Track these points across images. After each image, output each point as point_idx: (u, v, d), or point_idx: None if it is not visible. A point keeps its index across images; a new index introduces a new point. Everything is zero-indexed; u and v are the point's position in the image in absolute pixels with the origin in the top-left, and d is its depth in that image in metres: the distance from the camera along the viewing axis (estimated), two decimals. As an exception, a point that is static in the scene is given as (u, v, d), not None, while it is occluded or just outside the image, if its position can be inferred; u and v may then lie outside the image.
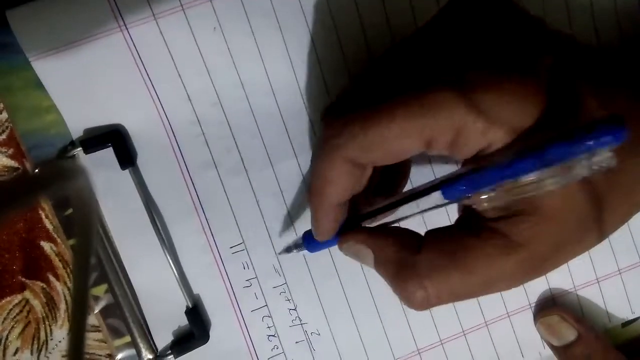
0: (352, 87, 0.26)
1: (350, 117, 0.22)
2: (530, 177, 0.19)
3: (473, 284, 0.22)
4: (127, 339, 0.31)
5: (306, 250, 0.30)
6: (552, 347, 0.33)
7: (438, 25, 0.24)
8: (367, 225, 0.26)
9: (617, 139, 0.17)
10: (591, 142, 0.17)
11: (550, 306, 0.34)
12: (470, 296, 0.22)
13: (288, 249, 0.31)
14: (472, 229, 0.22)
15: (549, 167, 0.18)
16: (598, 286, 0.34)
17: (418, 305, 0.23)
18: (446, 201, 0.22)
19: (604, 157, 0.17)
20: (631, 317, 0.35)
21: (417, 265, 0.22)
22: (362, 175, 0.24)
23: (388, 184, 0.29)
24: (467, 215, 0.23)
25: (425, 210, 0.23)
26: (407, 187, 0.31)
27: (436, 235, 0.23)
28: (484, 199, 0.21)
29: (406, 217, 0.24)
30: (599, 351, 0.32)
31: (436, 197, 0.22)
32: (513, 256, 0.21)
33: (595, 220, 0.21)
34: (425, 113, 0.20)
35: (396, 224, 0.26)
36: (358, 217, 0.26)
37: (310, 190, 0.25)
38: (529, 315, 0.34)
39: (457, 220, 0.24)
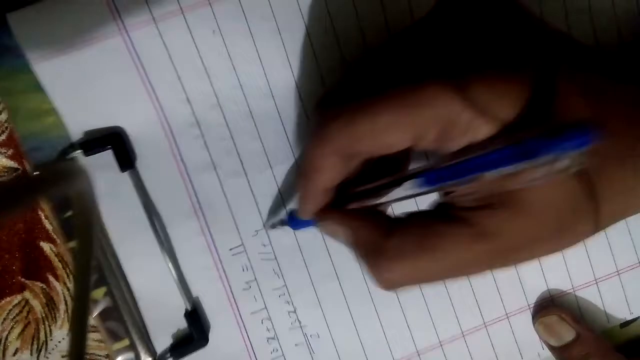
0: (345, 78, 0.26)
1: (340, 109, 0.23)
2: (509, 169, 0.19)
3: (440, 268, 0.22)
4: (126, 342, 0.31)
5: (290, 227, 0.31)
6: (551, 348, 0.33)
7: (432, 19, 0.24)
8: (349, 207, 0.26)
9: (584, 143, 0.17)
10: (561, 144, 0.17)
11: (548, 307, 0.34)
12: (436, 279, 0.23)
13: (273, 225, 0.31)
14: (444, 217, 0.22)
15: (526, 162, 0.18)
16: (597, 287, 0.34)
17: (385, 286, 0.23)
18: (427, 188, 0.22)
19: (574, 158, 0.17)
20: (630, 317, 0.35)
21: (387, 248, 0.23)
22: (350, 165, 0.24)
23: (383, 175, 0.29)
24: (442, 202, 0.24)
25: (405, 197, 0.23)
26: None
27: (408, 220, 0.24)
28: (464, 188, 0.21)
29: (388, 202, 0.24)
30: (597, 351, 0.32)
31: (417, 183, 0.22)
32: (482, 245, 0.21)
33: (587, 211, 0.21)
34: (412, 106, 0.21)
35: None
36: (345, 197, 0.27)
37: (299, 174, 0.26)
38: (528, 316, 0.34)
39: (430, 207, 0.24)
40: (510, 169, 0.18)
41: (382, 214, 0.25)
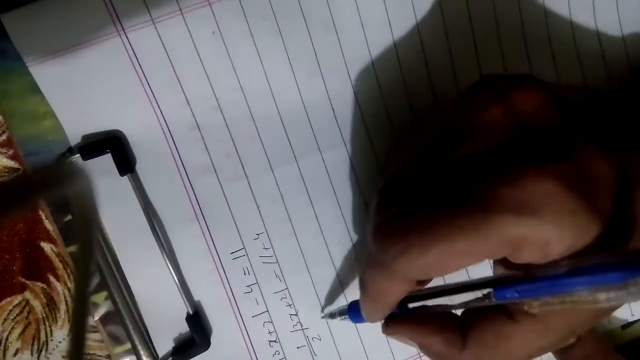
0: (397, 178, 0.25)
1: (406, 241, 0.21)
2: (583, 292, 0.19)
3: None
4: (128, 346, 0.31)
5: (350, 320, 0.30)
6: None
7: (468, 119, 0.23)
8: (410, 305, 0.26)
9: None
10: None
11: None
12: None
13: (332, 315, 0.31)
14: (508, 312, 0.23)
15: (601, 286, 0.18)
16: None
17: None
18: (505, 300, 0.22)
19: None
20: (631, 319, 0.35)
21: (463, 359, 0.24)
22: (416, 283, 0.24)
23: None
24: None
25: (470, 302, 0.24)
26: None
27: (476, 323, 0.24)
28: (535, 304, 0.21)
29: (450, 306, 0.25)
30: (598, 353, 0.32)
31: (483, 294, 0.23)
32: (549, 337, 0.22)
33: None
34: (484, 236, 0.20)
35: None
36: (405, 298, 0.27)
37: (365, 294, 0.26)
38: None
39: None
40: (585, 292, 0.19)
41: (449, 320, 0.25)
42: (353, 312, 0.29)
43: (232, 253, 0.31)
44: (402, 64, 0.31)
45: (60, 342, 0.32)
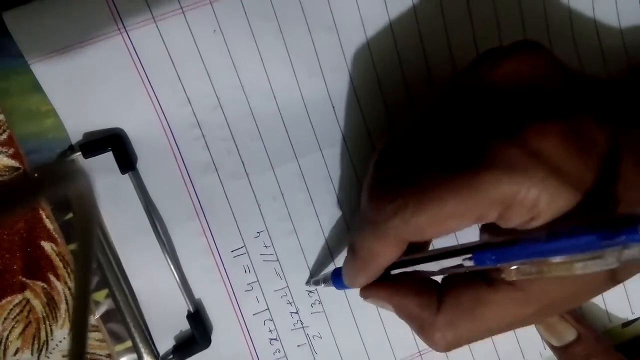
0: (398, 139, 0.25)
1: (401, 200, 0.22)
2: (560, 258, 0.19)
3: (488, 330, 0.24)
4: (129, 343, 0.31)
5: (333, 287, 0.30)
6: (552, 348, 0.33)
7: (481, 76, 0.23)
8: (392, 272, 0.26)
9: None
10: (623, 237, 0.17)
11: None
12: (484, 338, 0.25)
13: (316, 282, 0.31)
14: (489, 280, 0.23)
15: (580, 253, 0.18)
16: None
17: (439, 351, 0.25)
18: (484, 265, 0.22)
19: (636, 251, 0.17)
20: (631, 317, 0.35)
21: (438, 323, 0.24)
22: (405, 245, 0.24)
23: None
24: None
25: (449, 268, 0.24)
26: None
27: (454, 288, 0.24)
28: (512, 270, 0.21)
29: (434, 271, 0.25)
30: (598, 351, 0.32)
31: (463, 259, 0.23)
32: (529, 308, 0.22)
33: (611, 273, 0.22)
34: (477, 194, 0.20)
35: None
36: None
37: (355, 256, 0.25)
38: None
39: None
40: (562, 258, 0.19)
41: (426, 285, 0.25)
42: (338, 278, 0.29)
43: (232, 251, 0.31)
44: (403, 63, 0.31)
45: (60, 341, 0.32)
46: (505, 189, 0.20)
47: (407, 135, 0.25)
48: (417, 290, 0.25)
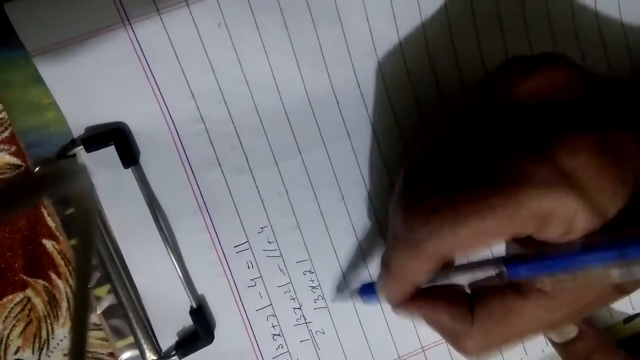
0: (425, 157, 0.25)
1: (439, 218, 0.22)
2: (597, 268, 0.19)
3: (520, 337, 0.25)
4: (131, 339, 0.30)
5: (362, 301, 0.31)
6: (554, 344, 0.33)
7: (506, 92, 0.23)
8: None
9: None
10: None
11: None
12: (516, 342, 0.27)
13: (344, 298, 0.32)
14: (518, 289, 0.23)
15: (615, 262, 0.18)
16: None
17: (473, 359, 0.26)
18: (518, 277, 0.23)
19: None
20: (632, 313, 0.35)
21: (472, 335, 0.25)
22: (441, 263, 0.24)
23: None
24: None
25: (481, 281, 0.24)
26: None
27: (484, 298, 0.24)
28: (548, 281, 0.21)
29: (467, 283, 0.25)
30: (600, 348, 0.32)
31: (496, 273, 0.23)
32: (559, 313, 0.23)
33: None
34: (517, 210, 0.20)
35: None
36: None
37: (390, 274, 0.25)
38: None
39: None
40: (598, 269, 0.19)
41: (457, 294, 0.26)
42: (366, 294, 0.29)
43: (235, 246, 0.31)
44: (407, 57, 0.31)
45: (61, 340, 0.32)
46: (544, 204, 0.20)
47: (434, 153, 0.25)
48: (449, 302, 0.25)
